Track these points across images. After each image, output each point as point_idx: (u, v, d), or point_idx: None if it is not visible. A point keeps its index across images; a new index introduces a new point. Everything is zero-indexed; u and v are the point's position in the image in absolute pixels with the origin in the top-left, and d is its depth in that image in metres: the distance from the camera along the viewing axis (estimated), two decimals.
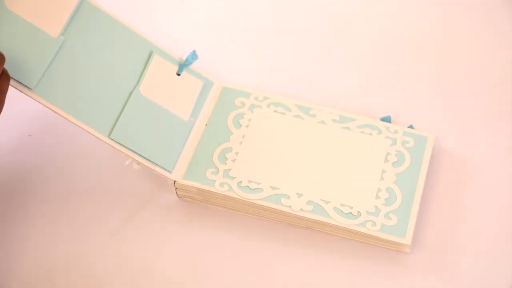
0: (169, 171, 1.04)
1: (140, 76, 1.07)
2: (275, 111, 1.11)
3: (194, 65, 1.12)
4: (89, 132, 1.02)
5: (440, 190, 1.05)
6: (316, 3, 1.31)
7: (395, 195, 1.02)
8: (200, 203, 1.06)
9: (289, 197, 1.02)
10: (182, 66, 1.11)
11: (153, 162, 1.03)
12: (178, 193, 1.06)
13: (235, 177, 1.04)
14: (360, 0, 1.31)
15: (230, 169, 1.05)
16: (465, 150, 1.09)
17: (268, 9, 1.32)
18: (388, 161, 1.05)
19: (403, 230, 0.99)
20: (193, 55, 1.12)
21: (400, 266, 0.99)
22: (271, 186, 1.03)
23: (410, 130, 1.09)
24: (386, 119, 1.11)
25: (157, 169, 1.04)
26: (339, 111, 1.11)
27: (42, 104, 1.00)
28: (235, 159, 1.06)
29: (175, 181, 1.04)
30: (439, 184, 1.05)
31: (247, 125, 1.09)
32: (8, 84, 0.92)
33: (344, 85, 1.19)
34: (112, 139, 1.02)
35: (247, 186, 1.03)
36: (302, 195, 1.02)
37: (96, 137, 1.02)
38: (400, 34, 1.26)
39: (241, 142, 1.07)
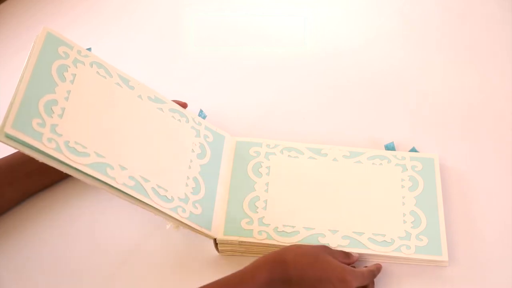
0: (209, 229, 1.11)
1: None
2: (289, 155, 1.21)
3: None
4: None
5: (452, 203, 1.17)
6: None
7: (419, 217, 1.13)
8: (242, 254, 1.14)
9: (325, 235, 1.12)
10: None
11: (196, 224, 1.10)
12: (219, 248, 1.14)
13: (269, 224, 1.13)
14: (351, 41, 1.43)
15: (263, 216, 1.14)
16: (461, 164, 1.22)
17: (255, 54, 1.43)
18: (404, 187, 1.16)
19: (437, 248, 1.10)
20: (200, 114, 1.22)
21: (443, 278, 1.10)
22: (305, 227, 1.13)
23: (414, 154, 1.20)
24: (390, 146, 1.22)
25: (199, 229, 1.11)
26: (348, 147, 1.22)
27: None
28: (265, 207, 1.15)
29: (216, 239, 1.12)
30: (450, 198, 1.17)
31: (267, 173, 1.19)
32: None
33: (343, 120, 1.31)
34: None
35: (283, 231, 1.13)
36: (337, 231, 1.12)
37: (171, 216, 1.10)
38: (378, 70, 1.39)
39: (266, 189, 1.17)
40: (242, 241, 1.12)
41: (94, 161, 1.02)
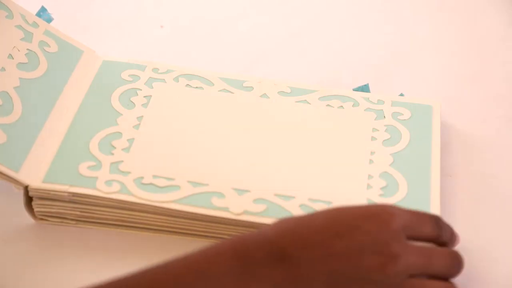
0: (16, 170, 0.74)
1: None
2: (188, 85, 0.83)
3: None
4: None
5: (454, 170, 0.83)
6: None
7: (395, 181, 0.75)
8: (76, 225, 0.73)
9: (224, 196, 0.71)
10: None
11: None
12: (36, 210, 0.73)
13: (129, 172, 0.73)
14: None
15: (121, 161, 0.74)
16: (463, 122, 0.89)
17: None
18: (375, 139, 0.79)
19: None
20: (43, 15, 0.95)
21: None
22: (191, 182, 0.72)
23: (400, 98, 0.84)
24: (363, 89, 0.85)
25: None
26: (289, 82, 0.84)
27: None
28: (128, 148, 0.76)
29: (27, 186, 0.72)
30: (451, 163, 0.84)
31: (145, 104, 0.81)
32: None
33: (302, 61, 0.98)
34: None
35: (152, 183, 0.72)
36: (247, 191, 0.72)
37: None
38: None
39: (137, 125, 0.78)
40: (75, 193, 0.71)
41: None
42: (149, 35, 0.98)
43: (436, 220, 0.64)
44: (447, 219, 0.70)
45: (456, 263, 0.62)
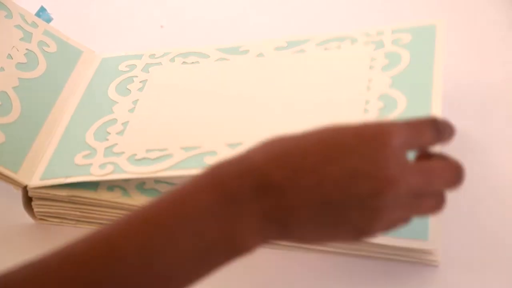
0: (15, 171, 0.77)
1: None
2: (184, 62, 0.86)
3: None
4: None
5: None
6: None
7: (393, 100, 0.74)
8: (75, 225, 0.74)
9: (217, 153, 0.71)
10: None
11: None
12: (35, 210, 0.75)
13: (123, 152, 0.74)
14: None
15: (115, 144, 0.76)
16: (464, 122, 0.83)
17: None
18: (373, 67, 0.79)
19: None
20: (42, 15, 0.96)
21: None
22: (184, 148, 0.72)
23: (403, 24, 0.84)
24: None
25: None
26: (285, 37, 0.85)
27: None
28: (122, 131, 0.78)
29: (26, 186, 0.74)
30: None
31: (140, 88, 0.84)
32: None
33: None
34: None
35: (145, 157, 0.72)
36: (241, 143, 0.70)
37: None
38: None
39: (132, 109, 0.81)
40: (72, 192, 0.73)
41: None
42: (149, 35, 1.00)
43: (433, 123, 0.61)
44: (446, 219, 0.71)
45: (457, 175, 0.59)
